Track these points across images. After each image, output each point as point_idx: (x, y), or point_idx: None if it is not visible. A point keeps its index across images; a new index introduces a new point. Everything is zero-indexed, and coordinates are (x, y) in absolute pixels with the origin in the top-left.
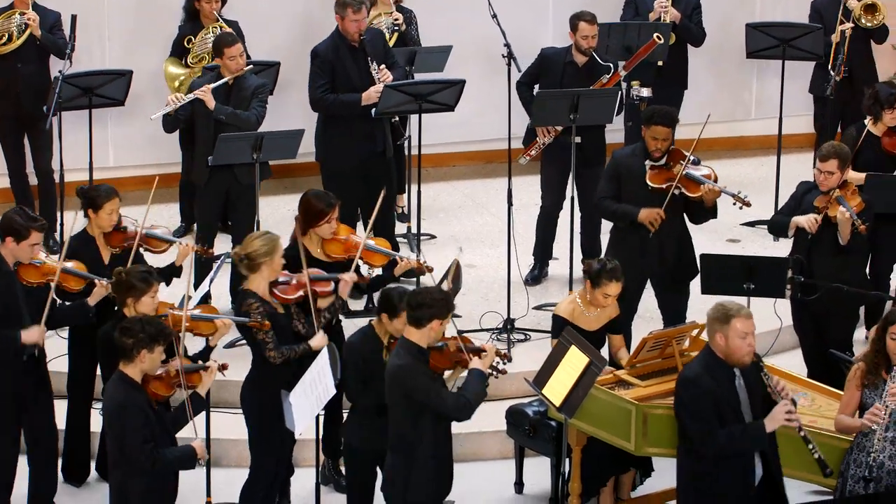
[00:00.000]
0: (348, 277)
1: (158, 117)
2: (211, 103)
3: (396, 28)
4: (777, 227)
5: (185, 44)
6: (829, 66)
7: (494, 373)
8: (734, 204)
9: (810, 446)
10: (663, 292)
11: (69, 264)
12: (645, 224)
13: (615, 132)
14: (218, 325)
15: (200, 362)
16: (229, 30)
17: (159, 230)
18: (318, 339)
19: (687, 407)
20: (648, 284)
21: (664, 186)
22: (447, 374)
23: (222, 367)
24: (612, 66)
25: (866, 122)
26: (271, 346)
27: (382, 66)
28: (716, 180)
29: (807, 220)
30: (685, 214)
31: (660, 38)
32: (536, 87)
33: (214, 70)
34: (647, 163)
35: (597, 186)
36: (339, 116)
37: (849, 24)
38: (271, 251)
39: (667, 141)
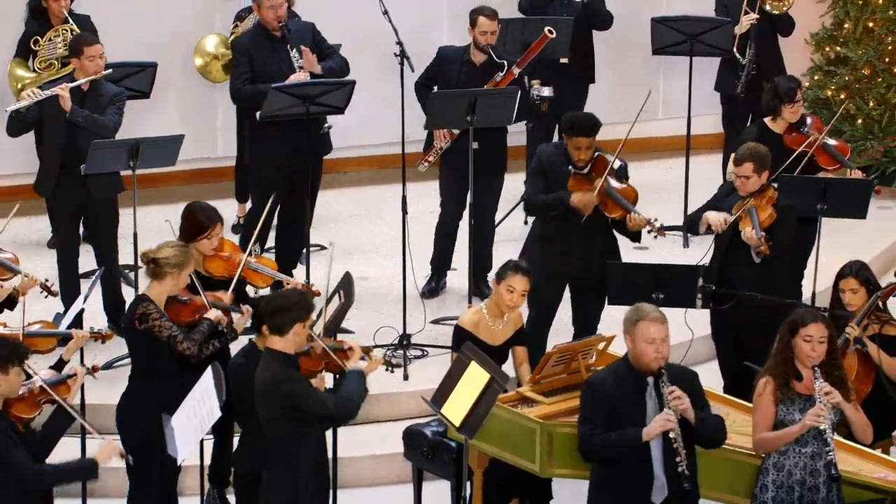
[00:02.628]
0: (246, 311)
1: (12, 111)
2: (67, 104)
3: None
4: (690, 223)
5: (32, 45)
6: (742, 62)
7: (389, 367)
8: (649, 232)
9: (678, 459)
10: (580, 302)
11: None
12: (578, 209)
13: (518, 135)
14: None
15: (65, 371)
16: (78, 31)
17: (3, 255)
18: (216, 313)
19: (581, 410)
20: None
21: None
22: (315, 381)
23: (92, 370)
24: (505, 63)
25: (766, 120)
26: (181, 337)
27: (307, 49)
28: (635, 199)
29: (716, 219)
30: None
31: (551, 32)
32: (436, 88)
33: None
34: (571, 168)
35: (493, 196)
36: (270, 118)
37: (754, 15)
38: (181, 264)
39: (590, 149)
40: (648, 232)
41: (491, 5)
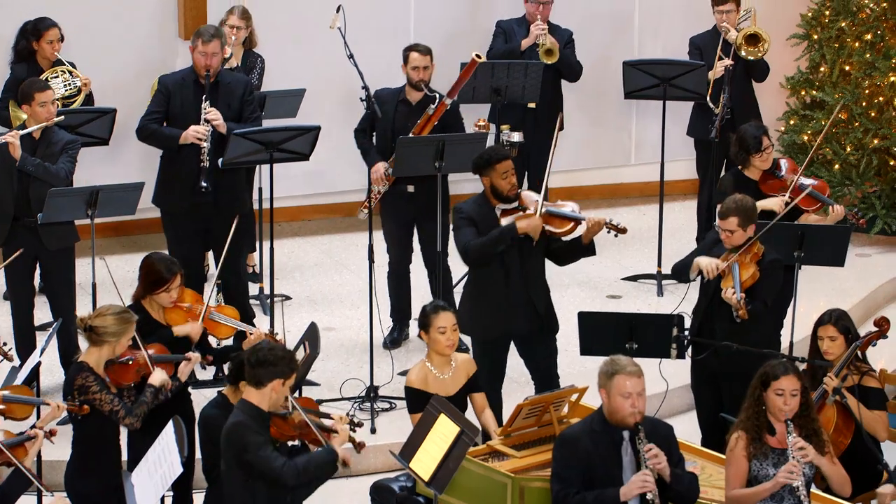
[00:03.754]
0: (193, 358)
1: None
2: (17, 152)
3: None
4: (679, 269)
5: None
6: (715, 110)
7: (353, 427)
8: (608, 232)
9: None
10: (532, 349)
11: None
12: (529, 234)
13: (461, 182)
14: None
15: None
16: (79, 73)
17: None
18: (161, 376)
19: (555, 466)
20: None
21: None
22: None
23: (49, 434)
24: (437, 95)
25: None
26: (123, 413)
27: (213, 108)
28: (577, 209)
29: (708, 264)
30: (547, 258)
31: (479, 57)
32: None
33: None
34: (498, 208)
35: (442, 236)
36: (175, 156)
37: (728, 61)
38: (121, 333)
39: (514, 173)
40: (608, 231)
41: (458, 47)
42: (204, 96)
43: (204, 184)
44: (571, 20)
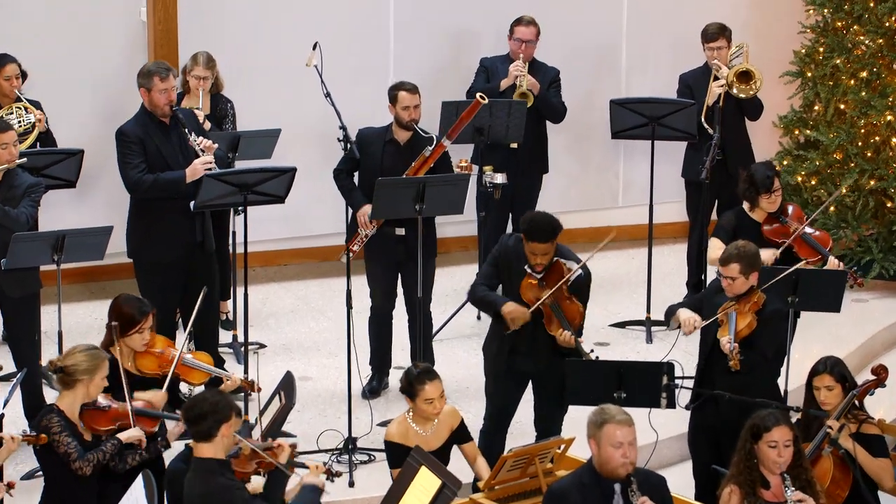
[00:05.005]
0: (179, 427)
1: None
2: None
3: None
4: (668, 313)
5: None
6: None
7: (330, 477)
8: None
9: None
10: (541, 402)
11: None
12: (506, 319)
13: (447, 225)
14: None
15: None
16: (34, 110)
17: None
18: (131, 431)
19: None
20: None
21: (531, 304)
22: (250, 486)
23: (9, 487)
24: (434, 137)
25: (745, 206)
26: (75, 455)
27: (200, 137)
28: (580, 319)
29: (687, 319)
30: None
31: (483, 98)
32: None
33: None
34: (527, 268)
35: (425, 284)
36: (153, 204)
37: (722, 81)
38: (93, 370)
39: (547, 255)
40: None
41: (437, 85)
42: (187, 129)
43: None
44: (556, 57)
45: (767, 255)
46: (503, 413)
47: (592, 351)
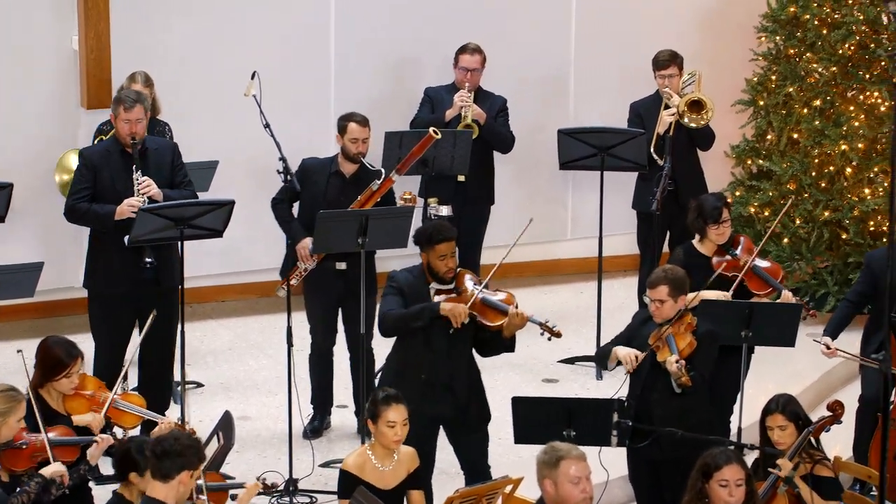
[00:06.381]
0: (103, 440)
1: None
2: None
3: None
4: (600, 356)
5: None
6: (663, 175)
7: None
8: (542, 334)
9: None
10: (459, 437)
11: None
12: (449, 318)
13: (388, 259)
14: None
15: None
16: None
17: None
18: (54, 467)
19: None
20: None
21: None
22: None
23: None
24: (382, 171)
25: (694, 241)
26: None
27: (146, 178)
28: (513, 297)
29: (626, 354)
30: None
31: (436, 133)
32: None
33: None
34: (433, 286)
35: (366, 320)
36: (106, 235)
37: (673, 109)
38: (7, 412)
39: (454, 256)
40: (541, 333)
41: (380, 115)
42: (134, 166)
43: (148, 259)
44: (504, 86)
45: (717, 297)
46: (424, 466)
47: (548, 321)
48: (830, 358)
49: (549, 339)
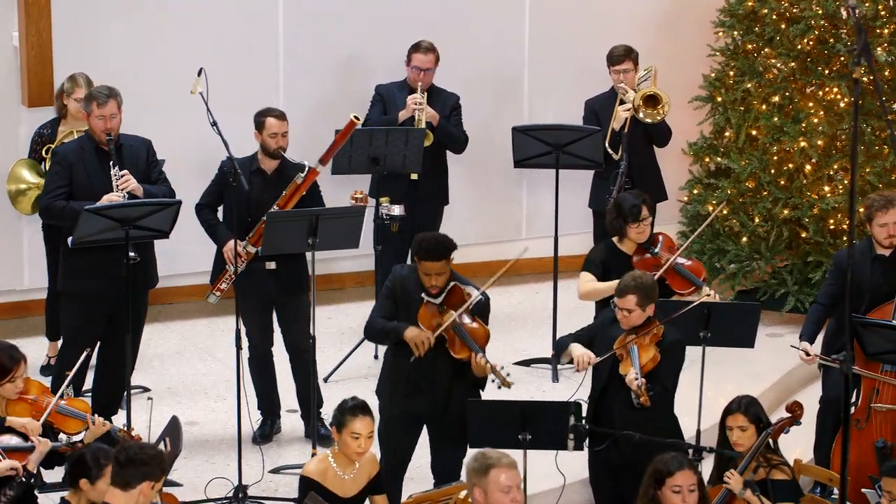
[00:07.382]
0: (41, 444)
1: None
2: None
3: None
4: (559, 347)
5: None
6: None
7: None
8: (493, 381)
9: None
10: (437, 446)
11: None
12: (409, 345)
13: (331, 261)
14: None
15: None
16: None
17: None
18: (9, 463)
19: None
20: None
21: (433, 330)
22: None
23: None
24: (305, 164)
25: (614, 239)
26: None
27: (125, 172)
28: (486, 340)
29: (580, 356)
30: None
31: (357, 119)
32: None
33: None
34: (423, 295)
35: (299, 318)
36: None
37: (629, 105)
38: None
39: (442, 276)
40: (492, 381)
41: (331, 113)
42: (112, 161)
43: (132, 253)
44: (457, 83)
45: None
46: (397, 459)
47: (509, 375)
48: (810, 364)
49: (500, 387)
